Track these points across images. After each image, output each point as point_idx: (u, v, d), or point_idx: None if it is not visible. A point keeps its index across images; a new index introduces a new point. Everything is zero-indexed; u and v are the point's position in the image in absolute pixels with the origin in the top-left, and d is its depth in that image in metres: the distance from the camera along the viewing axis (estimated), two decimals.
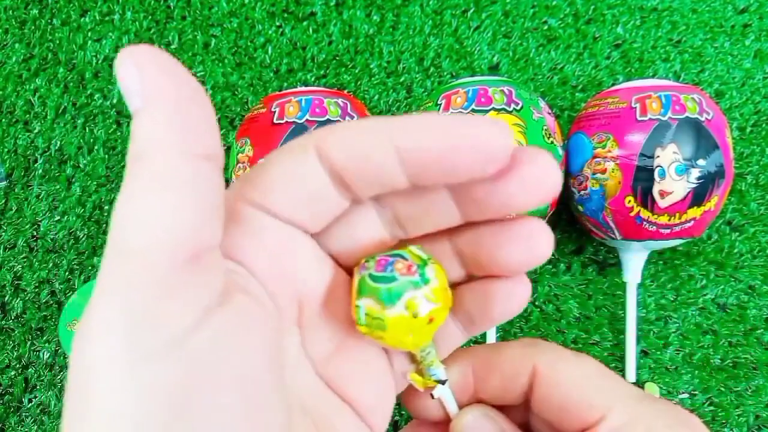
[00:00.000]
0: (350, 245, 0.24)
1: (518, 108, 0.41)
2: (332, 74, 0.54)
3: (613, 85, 0.47)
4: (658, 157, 0.39)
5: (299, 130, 0.41)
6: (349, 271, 0.25)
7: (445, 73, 0.54)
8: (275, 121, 0.41)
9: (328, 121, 0.41)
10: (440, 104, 0.42)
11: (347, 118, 0.42)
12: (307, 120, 0.41)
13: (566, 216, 0.50)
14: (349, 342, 0.25)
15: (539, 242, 0.24)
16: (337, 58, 0.54)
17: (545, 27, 0.54)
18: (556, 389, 0.24)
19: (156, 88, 0.16)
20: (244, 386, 0.18)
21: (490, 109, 0.40)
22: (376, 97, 0.53)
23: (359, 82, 0.54)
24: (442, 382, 0.26)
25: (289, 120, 0.41)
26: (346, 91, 0.52)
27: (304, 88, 0.43)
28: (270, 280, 0.21)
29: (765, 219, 0.50)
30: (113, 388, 0.16)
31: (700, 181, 0.40)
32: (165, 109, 0.16)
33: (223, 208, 0.18)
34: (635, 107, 0.41)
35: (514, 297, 0.26)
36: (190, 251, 0.17)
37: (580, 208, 0.44)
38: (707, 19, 0.54)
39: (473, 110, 0.41)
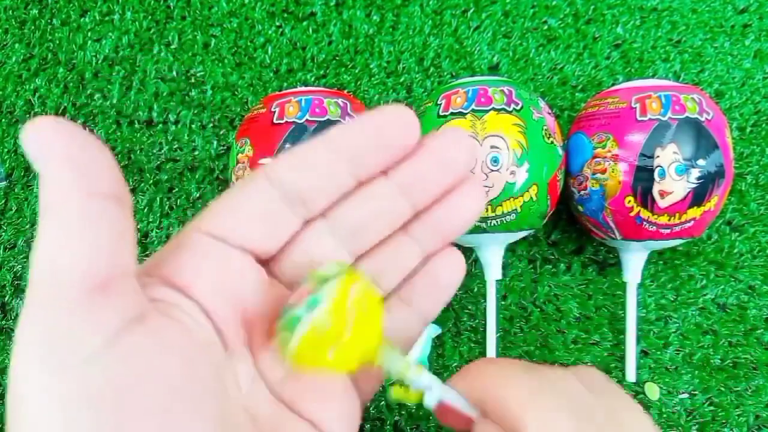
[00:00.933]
0: (307, 268, 0.25)
1: (518, 108, 0.41)
2: (332, 74, 0.54)
3: (613, 85, 0.47)
4: (658, 157, 0.39)
5: (299, 130, 0.41)
6: None
7: (445, 73, 0.54)
8: (275, 121, 0.41)
9: (328, 121, 0.41)
10: (440, 104, 0.42)
11: (347, 118, 0.42)
12: (306, 120, 0.41)
13: (566, 216, 0.50)
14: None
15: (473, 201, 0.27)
16: (337, 58, 0.54)
17: (545, 27, 0.54)
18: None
19: (50, 149, 0.18)
20: (158, 401, 0.19)
21: (490, 109, 0.40)
22: (376, 97, 0.53)
23: (359, 82, 0.54)
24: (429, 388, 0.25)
25: (289, 120, 0.41)
26: (346, 91, 0.52)
27: (304, 88, 0.43)
28: (212, 303, 0.23)
29: (765, 219, 0.50)
30: (32, 399, 0.18)
31: (700, 181, 0.40)
32: (61, 164, 0.18)
33: (130, 239, 0.20)
34: (635, 107, 0.41)
35: (453, 263, 0.28)
36: (97, 280, 0.19)
37: (580, 208, 0.44)
38: (707, 19, 0.54)
39: (473, 110, 0.41)
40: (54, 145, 0.18)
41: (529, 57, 0.54)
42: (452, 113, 0.41)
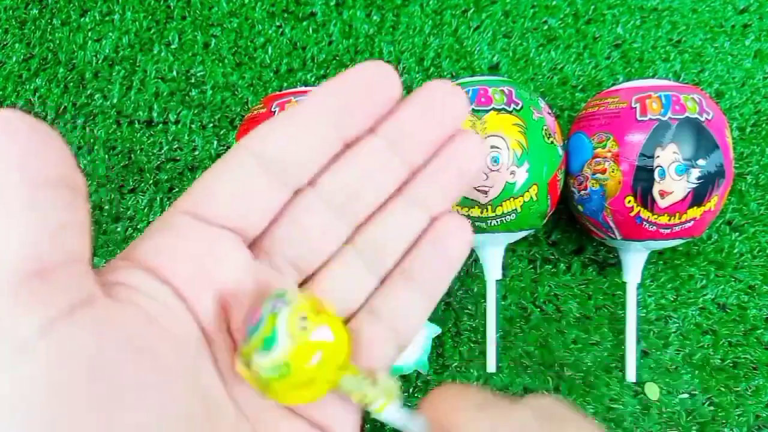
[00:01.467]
0: (301, 243, 0.25)
1: (518, 108, 0.41)
2: (332, 74, 0.54)
3: (613, 85, 0.47)
4: (658, 157, 0.39)
5: None
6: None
7: (445, 73, 0.54)
8: None
9: None
10: None
11: None
12: None
13: (566, 216, 0.50)
14: None
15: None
16: (337, 58, 0.54)
17: (545, 27, 0.54)
18: None
19: None
20: (98, 395, 0.18)
21: (490, 109, 0.40)
22: None
23: None
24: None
25: None
26: None
27: (304, 88, 0.43)
28: (187, 286, 0.22)
29: (765, 219, 0.50)
30: None
31: (700, 181, 0.40)
32: (2, 152, 0.18)
33: (79, 226, 0.20)
34: (635, 107, 0.41)
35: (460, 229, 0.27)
36: (35, 266, 0.18)
37: (580, 208, 0.44)
38: (707, 19, 0.54)
39: (473, 110, 0.41)
40: None
41: (529, 57, 0.54)
42: None
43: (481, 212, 0.41)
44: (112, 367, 0.18)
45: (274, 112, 0.41)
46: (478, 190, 0.40)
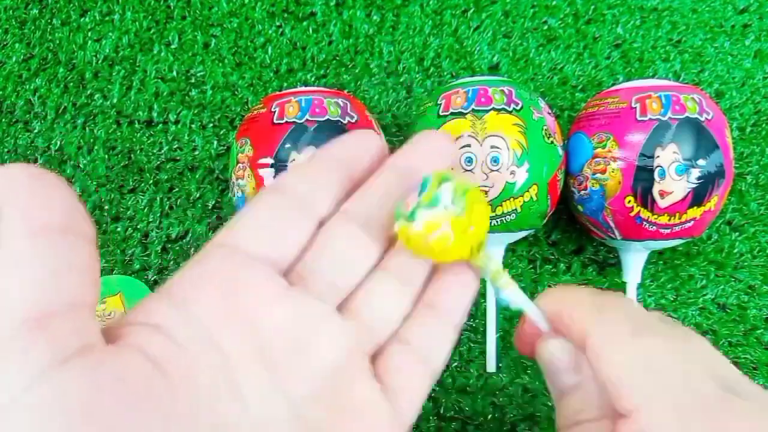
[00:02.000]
0: (334, 264, 0.26)
1: (518, 108, 0.41)
2: (332, 74, 0.54)
3: (613, 85, 0.47)
4: (658, 157, 0.39)
5: (299, 130, 0.40)
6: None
7: (445, 73, 0.54)
8: (275, 121, 0.41)
9: (328, 121, 0.41)
10: (440, 104, 0.42)
11: (347, 117, 0.42)
12: (307, 120, 0.41)
13: (566, 216, 0.49)
14: (330, 381, 0.24)
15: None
16: (337, 58, 0.54)
17: (545, 27, 0.54)
18: (598, 371, 0.25)
19: None
20: None
21: (490, 109, 0.40)
22: (376, 97, 0.53)
23: (359, 82, 0.54)
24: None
25: (289, 120, 0.41)
26: (346, 91, 0.52)
27: (304, 88, 0.43)
28: (219, 316, 0.23)
29: (765, 219, 0.50)
30: None
31: (700, 181, 0.40)
32: (4, 200, 0.18)
33: (82, 273, 0.19)
34: (635, 107, 0.41)
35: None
36: (32, 314, 0.18)
37: (580, 208, 0.44)
38: (707, 19, 0.54)
39: (473, 110, 0.41)
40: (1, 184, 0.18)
41: (529, 57, 0.54)
42: (452, 113, 0.41)
43: None
44: (107, 415, 0.18)
45: (274, 112, 0.41)
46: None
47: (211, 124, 0.53)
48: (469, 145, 0.40)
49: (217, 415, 0.21)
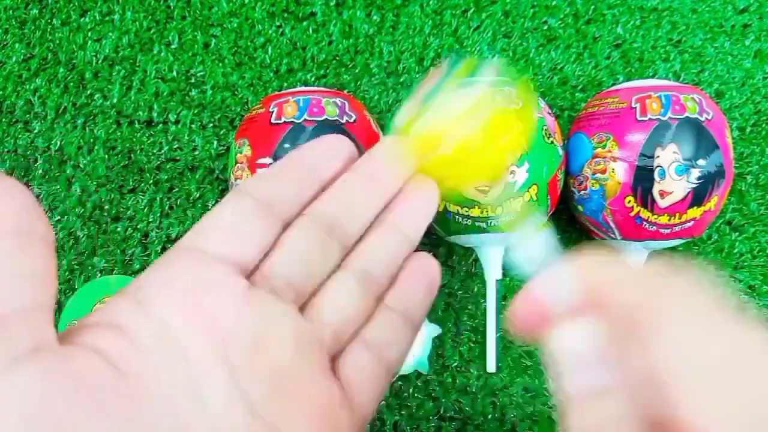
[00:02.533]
0: (296, 264, 0.26)
1: (518, 108, 0.41)
2: (332, 74, 0.54)
3: (613, 85, 0.47)
4: (658, 157, 0.39)
5: (297, 129, 0.40)
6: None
7: None
8: (273, 121, 0.41)
9: (326, 121, 0.41)
10: None
11: (345, 117, 0.42)
12: (305, 120, 0.41)
13: (566, 216, 0.49)
14: (288, 380, 0.24)
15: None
16: (337, 58, 0.54)
17: (545, 27, 0.54)
18: (657, 368, 0.19)
19: None
20: None
21: None
22: (376, 97, 0.53)
23: (359, 82, 0.54)
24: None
25: (287, 120, 0.41)
26: (345, 91, 0.52)
27: (302, 88, 0.43)
28: (181, 316, 0.23)
29: (765, 219, 0.50)
30: None
31: (700, 181, 0.40)
32: None
33: (36, 275, 0.20)
34: (635, 107, 0.41)
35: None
36: None
37: (580, 208, 0.44)
38: (707, 19, 0.54)
39: None
40: None
41: (529, 57, 0.54)
42: None
43: (481, 212, 0.41)
44: (59, 417, 0.18)
45: (272, 112, 0.41)
46: (478, 190, 0.40)
47: (211, 124, 0.53)
48: None
49: (176, 416, 0.21)
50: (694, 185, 0.40)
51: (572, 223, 0.49)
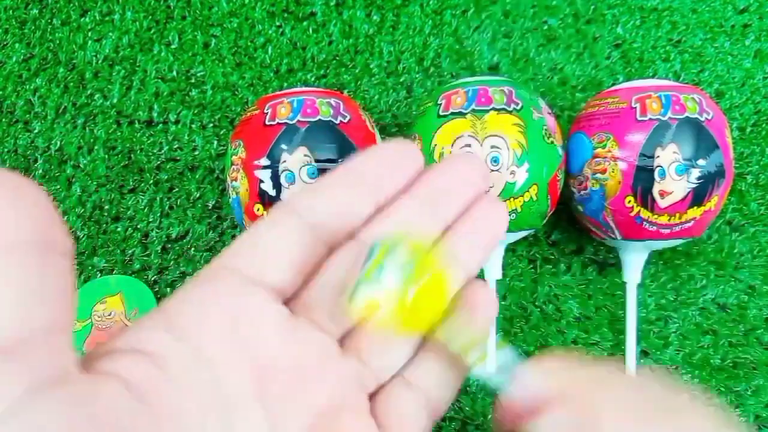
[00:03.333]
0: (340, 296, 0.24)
1: (518, 108, 0.41)
2: (332, 74, 0.54)
3: (613, 85, 0.47)
4: (658, 157, 0.39)
5: (291, 130, 0.40)
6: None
7: (445, 73, 0.54)
8: (267, 122, 0.41)
9: (320, 121, 0.41)
10: (440, 104, 0.42)
11: (339, 117, 0.41)
12: (298, 121, 0.40)
13: (566, 216, 0.49)
14: (326, 420, 0.23)
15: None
16: (337, 58, 0.54)
17: (545, 27, 0.54)
18: None
19: None
20: None
21: (490, 109, 0.40)
22: (376, 97, 0.53)
23: (359, 82, 0.54)
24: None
25: (280, 121, 0.40)
26: (345, 91, 0.52)
27: (297, 89, 0.43)
28: (216, 343, 0.21)
29: (765, 219, 0.50)
30: None
31: (700, 181, 0.39)
32: None
33: (56, 293, 0.17)
34: (635, 107, 0.41)
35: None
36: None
37: (580, 208, 0.44)
38: (707, 19, 0.54)
39: (473, 110, 0.40)
40: None
41: (529, 57, 0.54)
42: (452, 113, 0.41)
43: None
44: None
45: (266, 113, 0.41)
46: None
47: (211, 124, 0.53)
48: (469, 145, 0.40)
49: None
50: (694, 185, 0.39)
51: (572, 223, 0.49)
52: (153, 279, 0.50)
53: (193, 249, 0.50)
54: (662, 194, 0.40)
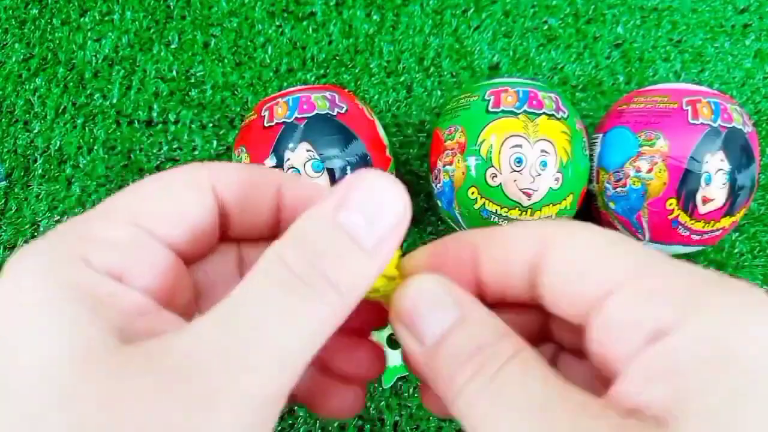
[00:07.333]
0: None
1: (565, 116, 0.29)
2: (332, 74, 0.41)
3: (649, 84, 0.34)
4: (707, 162, 0.27)
5: (290, 128, 0.29)
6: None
7: (445, 73, 0.41)
8: (266, 124, 0.30)
9: (317, 115, 0.30)
10: (488, 100, 0.29)
11: (336, 109, 0.31)
12: (296, 118, 0.30)
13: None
14: None
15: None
16: (337, 57, 0.41)
17: (545, 27, 0.41)
18: (560, 266, 0.14)
19: None
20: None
21: (541, 113, 0.28)
22: (376, 97, 0.40)
23: (359, 82, 0.41)
24: None
25: (278, 121, 0.30)
26: (346, 91, 0.39)
27: (291, 89, 0.32)
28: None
29: (765, 219, 0.38)
30: None
31: (739, 192, 0.28)
32: None
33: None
34: (687, 109, 0.28)
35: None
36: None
37: (611, 204, 0.31)
38: (707, 19, 0.41)
39: (526, 111, 0.28)
40: None
41: (529, 57, 0.41)
42: (503, 111, 0.29)
43: (520, 214, 0.29)
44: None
45: (264, 116, 0.30)
46: (524, 192, 0.28)
47: (211, 124, 0.40)
48: (520, 146, 0.28)
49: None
50: (733, 195, 0.27)
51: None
52: None
53: None
54: (705, 200, 0.27)
